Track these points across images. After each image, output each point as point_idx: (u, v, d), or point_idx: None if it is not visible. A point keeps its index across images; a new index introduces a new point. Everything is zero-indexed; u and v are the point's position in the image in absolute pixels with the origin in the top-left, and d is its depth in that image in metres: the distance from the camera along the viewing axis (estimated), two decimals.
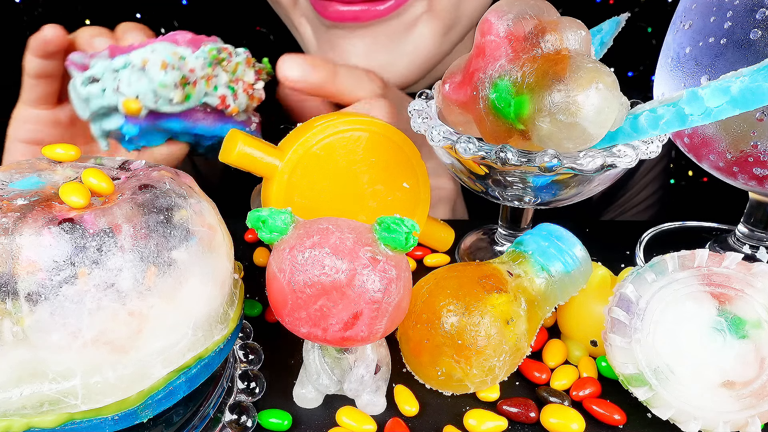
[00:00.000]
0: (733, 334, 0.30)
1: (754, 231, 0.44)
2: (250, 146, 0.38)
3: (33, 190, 0.26)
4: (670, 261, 0.32)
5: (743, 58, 0.34)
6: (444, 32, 0.53)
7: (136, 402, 0.25)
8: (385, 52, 0.53)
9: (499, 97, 0.33)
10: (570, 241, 0.35)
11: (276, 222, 0.29)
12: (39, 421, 0.24)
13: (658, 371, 0.31)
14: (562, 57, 0.32)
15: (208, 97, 0.44)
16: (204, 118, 0.46)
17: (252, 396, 0.33)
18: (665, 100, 0.32)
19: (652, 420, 0.33)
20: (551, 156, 0.32)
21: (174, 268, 0.25)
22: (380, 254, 0.28)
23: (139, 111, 0.42)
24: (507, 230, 0.45)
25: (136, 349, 0.25)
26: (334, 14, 0.50)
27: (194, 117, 0.45)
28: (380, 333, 0.29)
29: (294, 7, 0.55)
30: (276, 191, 0.39)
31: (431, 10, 0.52)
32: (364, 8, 0.50)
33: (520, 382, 0.36)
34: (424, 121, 0.37)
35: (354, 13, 0.50)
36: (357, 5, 0.50)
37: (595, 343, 0.36)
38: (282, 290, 0.29)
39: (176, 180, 0.28)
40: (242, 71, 0.45)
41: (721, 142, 0.37)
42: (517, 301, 0.33)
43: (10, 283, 0.23)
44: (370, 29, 0.52)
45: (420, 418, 0.33)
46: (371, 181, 0.41)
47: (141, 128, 0.44)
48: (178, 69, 0.42)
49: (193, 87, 0.43)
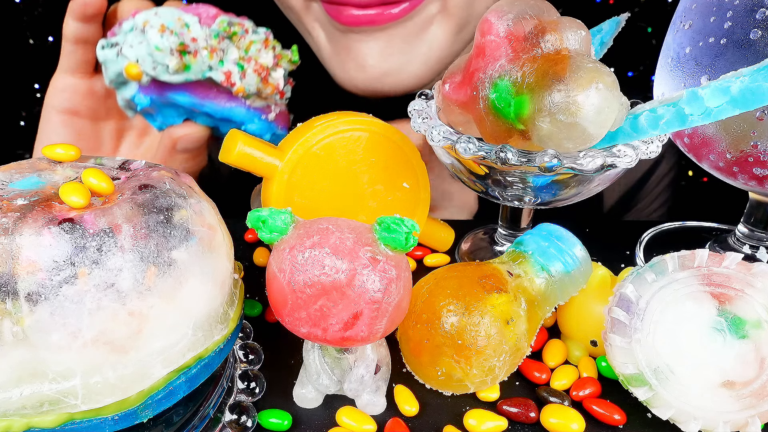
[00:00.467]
0: (733, 334, 0.30)
1: (754, 231, 0.44)
2: (250, 146, 0.38)
3: (33, 190, 0.26)
4: (670, 261, 0.32)
5: (743, 58, 0.34)
6: (457, 32, 0.53)
7: (136, 402, 0.25)
8: (399, 54, 0.53)
9: (499, 97, 0.33)
10: (570, 241, 0.35)
11: (276, 222, 0.29)
12: (39, 421, 0.24)
13: (658, 371, 0.31)
14: (562, 57, 0.32)
15: (213, 71, 0.43)
16: (214, 96, 0.44)
17: (252, 396, 0.33)
18: (665, 100, 0.32)
19: (652, 420, 0.33)
20: (551, 156, 0.32)
21: (174, 268, 0.25)
22: (380, 254, 0.28)
23: (140, 76, 0.42)
24: (507, 230, 0.45)
25: (136, 349, 0.25)
26: (349, 18, 0.50)
27: (201, 92, 0.44)
28: (380, 333, 0.29)
29: (307, 11, 0.55)
30: (276, 191, 0.39)
31: (444, 10, 0.52)
32: (378, 12, 0.50)
33: (520, 382, 0.36)
34: (424, 121, 0.37)
35: (369, 17, 0.50)
36: (372, 9, 0.50)
37: (595, 343, 0.36)
38: (282, 290, 0.29)
39: (176, 180, 0.28)
40: (256, 51, 0.44)
41: (721, 142, 0.37)
42: (517, 301, 0.33)
43: (10, 283, 0.23)
44: (384, 32, 0.52)
45: (420, 418, 0.33)
46: (371, 181, 0.41)
47: (152, 100, 0.43)
48: (176, 35, 0.41)
49: (193, 57, 0.41)
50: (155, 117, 0.47)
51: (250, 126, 0.47)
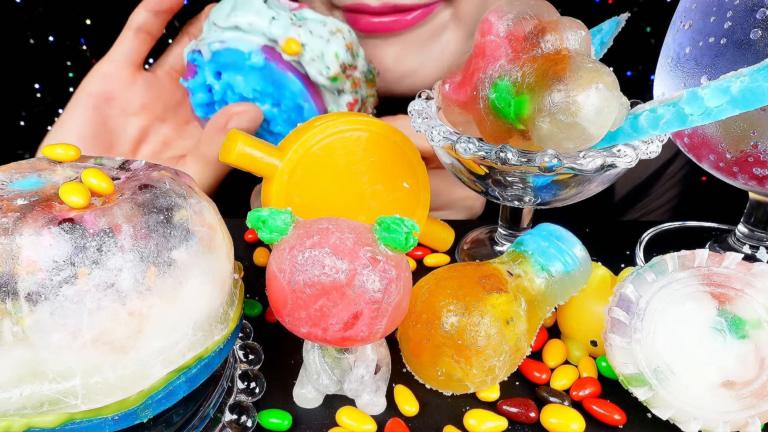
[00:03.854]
0: (733, 334, 0.30)
1: (754, 231, 0.44)
2: (250, 146, 0.38)
3: (33, 190, 0.26)
4: (670, 261, 0.32)
5: (743, 58, 0.34)
6: (468, 36, 0.57)
7: (136, 402, 0.25)
8: (414, 58, 0.57)
9: (499, 97, 0.33)
10: (570, 241, 0.35)
11: (276, 222, 0.29)
12: (39, 421, 0.24)
13: (658, 371, 0.31)
14: (562, 57, 0.32)
15: (344, 95, 0.50)
16: (316, 100, 0.49)
17: (252, 396, 0.33)
18: (665, 100, 0.32)
19: (652, 420, 0.33)
20: (551, 156, 0.32)
21: (174, 268, 0.25)
22: (380, 254, 0.28)
23: (297, 53, 0.47)
24: (507, 230, 0.45)
25: (136, 349, 0.25)
26: (367, 25, 0.54)
27: (314, 94, 0.49)
28: (380, 333, 0.29)
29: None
30: (276, 191, 0.39)
31: (456, 17, 0.56)
32: (394, 19, 0.54)
33: (520, 382, 0.36)
34: (424, 121, 0.37)
35: (384, 24, 0.54)
36: (387, 17, 0.54)
37: (595, 343, 0.36)
38: (282, 290, 0.29)
39: (176, 180, 0.28)
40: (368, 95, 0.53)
41: (721, 142, 0.37)
42: (517, 301, 0.33)
43: (10, 283, 0.23)
44: (400, 37, 0.55)
45: (420, 418, 0.33)
46: (371, 181, 0.41)
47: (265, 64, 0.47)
48: (352, 57, 0.48)
49: (345, 77, 0.48)
50: (236, 87, 0.49)
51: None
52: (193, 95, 0.51)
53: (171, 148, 0.56)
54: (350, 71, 0.48)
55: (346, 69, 0.48)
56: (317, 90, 0.50)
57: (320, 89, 0.50)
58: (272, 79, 0.49)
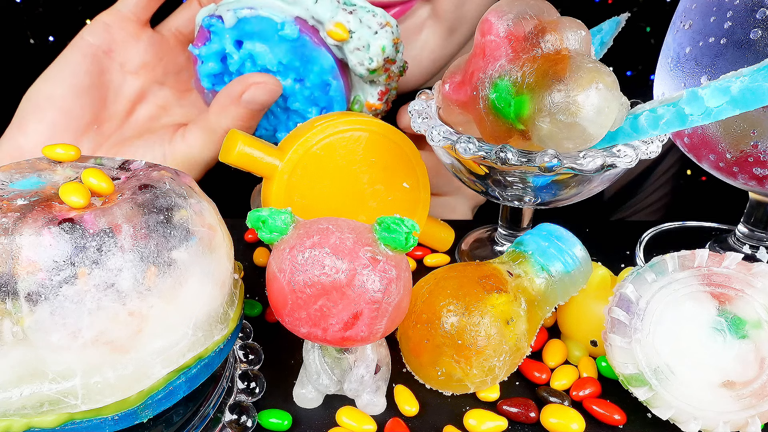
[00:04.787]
0: (733, 334, 0.30)
1: (754, 231, 0.44)
2: (250, 146, 0.38)
3: (33, 190, 0.26)
4: (670, 261, 0.32)
5: (743, 58, 0.34)
6: (447, 35, 0.56)
7: (136, 402, 0.25)
8: None
9: (499, 97, 0.33)
10: (570, 241, 0.35)
11: (276, 222, 0.29)
12: (39, 421, 0.24)
13: (658, 371, 0.31)
14: (562, 57, 0.32)
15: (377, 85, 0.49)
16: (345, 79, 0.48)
17: (252, 396, 0.33)
18: (665, 100, 0.32)
19: (652, 420, 0.33)
20: (551, 156, 0.32)
21: (174, 268, 0.25)
22: (380, 254, 0.28)
23: (344, 40, 0.45)
24: (507, 230, 0.45)
25: (136, 349, 0.25)
26: None
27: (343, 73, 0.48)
28: (380, 333, 0.29)
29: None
30: (276, 191, 0.39)
31: (435, 14, 0.54)
32: None
33: (520, 382, 0.36)
34: (424, 121, 0.37)
35: None
36: None
37: (595, 343, 0.36)
38: (282, 290, 0.29)
39: (176, 180, 0.28)
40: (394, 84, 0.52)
41: (721, 142, 0.37)
42: (517, 301, 0.33)
43: (10, 283, 0.23)
44: None
45: (420, 418, 0.33)
46: (371, 181, 0.41)
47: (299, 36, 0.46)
48: (397, 52, 0.47)
49: (384, 71, 0.47)
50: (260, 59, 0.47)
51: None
52: (203, 64, 0.48)
53: (169, 114, 0.52)
54: (389, 65, 0.47)
55: (388, 64, 0.47)
56: (346, 70, 0.48)
57: (349, 71, 0.49)
58: (302, 53, 0.47)
